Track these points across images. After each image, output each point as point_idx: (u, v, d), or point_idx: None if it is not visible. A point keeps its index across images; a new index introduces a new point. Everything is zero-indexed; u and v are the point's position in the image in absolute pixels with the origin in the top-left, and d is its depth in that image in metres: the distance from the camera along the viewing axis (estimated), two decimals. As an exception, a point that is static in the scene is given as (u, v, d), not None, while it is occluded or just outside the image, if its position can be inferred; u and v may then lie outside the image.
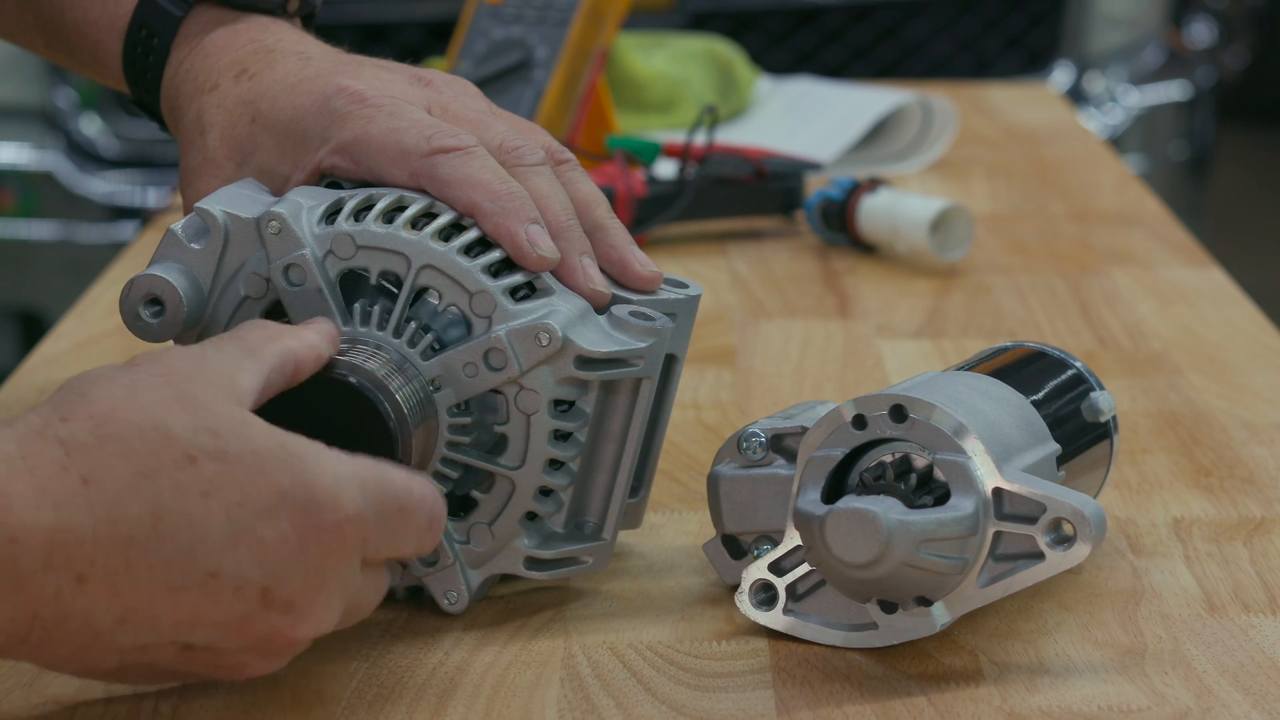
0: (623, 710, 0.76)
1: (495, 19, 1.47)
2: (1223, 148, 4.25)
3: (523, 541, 0.83)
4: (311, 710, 0.76)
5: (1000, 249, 1.41)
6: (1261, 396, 1.11)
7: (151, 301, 0.83)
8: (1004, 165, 1.67)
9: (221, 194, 0.84)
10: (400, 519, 0.75)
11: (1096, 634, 0.82)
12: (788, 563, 0.82)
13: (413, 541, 0.76)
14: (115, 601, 0.69)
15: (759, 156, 1.44)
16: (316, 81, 0.87)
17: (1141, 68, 2.90)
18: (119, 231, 2.57)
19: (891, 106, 1.67)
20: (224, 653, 0.72)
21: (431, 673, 0.79)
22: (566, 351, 0.81)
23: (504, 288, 0.81)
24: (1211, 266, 1.37)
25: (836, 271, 1.36)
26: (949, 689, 0.78)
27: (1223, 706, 0.76)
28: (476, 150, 0.84)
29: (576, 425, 0.82)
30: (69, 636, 0.70)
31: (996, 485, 0.77)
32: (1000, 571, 0.78)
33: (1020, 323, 1.25)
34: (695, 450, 1.03)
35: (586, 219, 0.86)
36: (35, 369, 1.16)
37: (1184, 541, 0.92)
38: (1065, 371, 0.88)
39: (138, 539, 0.69)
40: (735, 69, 1.77)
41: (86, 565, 0.69)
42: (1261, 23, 5.21)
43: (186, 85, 0.92)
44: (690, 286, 0.86)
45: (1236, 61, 5.03)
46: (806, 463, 0.81)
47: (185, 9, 0.94)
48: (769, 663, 0.80)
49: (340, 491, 0.72)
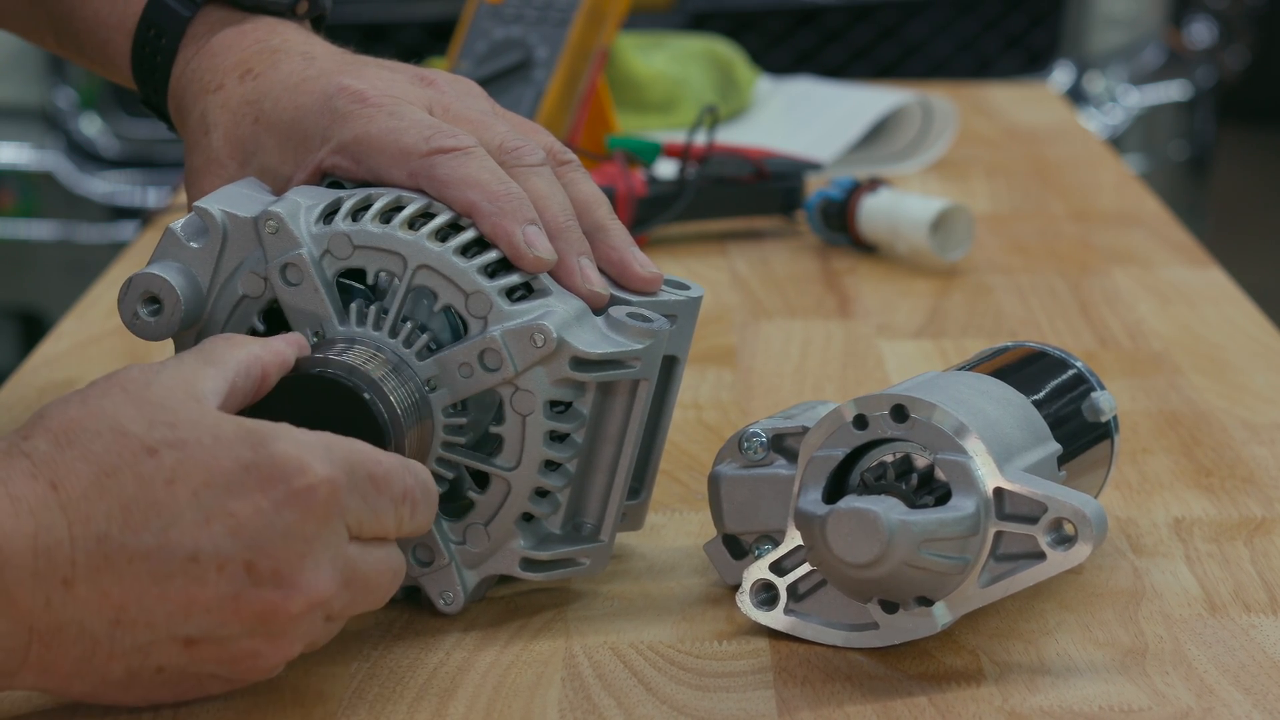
0: (624, 710, 0.76)
1: (495, 19, 1.47)
2: (1223, 148, 4.25)
3: (519, 543, 0.83)
4: (312, 710, 0.76)
5: (1000, 249, 1.41)
6: (1262, 396, 1.11)
7: (150, 300, 0.83)
8: (1004, 165, 1.67)
9: (221, 193, 0.84)
10: (372, 486, 0.74)
11: (1097, 634, 0.82)
12: (789, 563, 0.82)
13: (391, 513, 0.75)
14: (105, 603, 0.70)
15: (759, 156, 1.44)
16: (318, 81, 0.87)
17: (1141, 68, 2.90)
18: (119, 231, 2.57)
19: (891, 106, 1.67)
20: (227, 641, 0.72)
21: (432, 673, 0.79)
22: (562, 353, 0.80)
23: (500, 288, 0.81)
24: (1211, 266, 1.37)
25: (837, 271, 1.36)
26: (950, 689, 0.78)
27: (1224, 706, 0.76)
28: (475, 151, 0.84)
29: (573, 427, 0.82)
30: (68, 648, 0.70)
31: (997, 485, 0.77)
32: (1001, 571, 0.78)
33: (1021, 323, 1.25)
34: (696, 450, 1.03)
35: (587, 220, 0.86)
36: (35, 369, 1.16)
37: (1185, 541, 0.91)
38: (1066, 371, 0.88)
39: (111, 534, 0.69)
40: (735, 69, 1.77)
41: (69, 568, 0.69)
42: (1261, 23, 5.20)
43: (192, 85, 0.92)
44: (691, 288, 0.86)
45: (1236, 61, 5.03)
46: (807, 463, 0.80)
47: (193, 10, 0.94)
48: (770, 663, 0.80)
49: (306, 456, 0.72)
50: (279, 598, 0.72)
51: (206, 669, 0.73)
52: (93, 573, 0.69)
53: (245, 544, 0.71)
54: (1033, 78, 2.77)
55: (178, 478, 0.71)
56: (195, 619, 0.71)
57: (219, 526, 0.70)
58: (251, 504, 0.71)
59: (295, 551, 0.72)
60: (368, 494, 0.74)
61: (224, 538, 0.70)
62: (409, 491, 0.76)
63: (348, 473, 0.74)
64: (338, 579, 0.73)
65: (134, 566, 0.70)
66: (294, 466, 0.72)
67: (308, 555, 0.72)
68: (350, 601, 0.75)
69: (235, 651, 0.72)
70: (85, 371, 1.15)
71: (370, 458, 0.75)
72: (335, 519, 0.73)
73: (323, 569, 0.72)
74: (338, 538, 0.73)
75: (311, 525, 0.72)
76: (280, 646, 0.73)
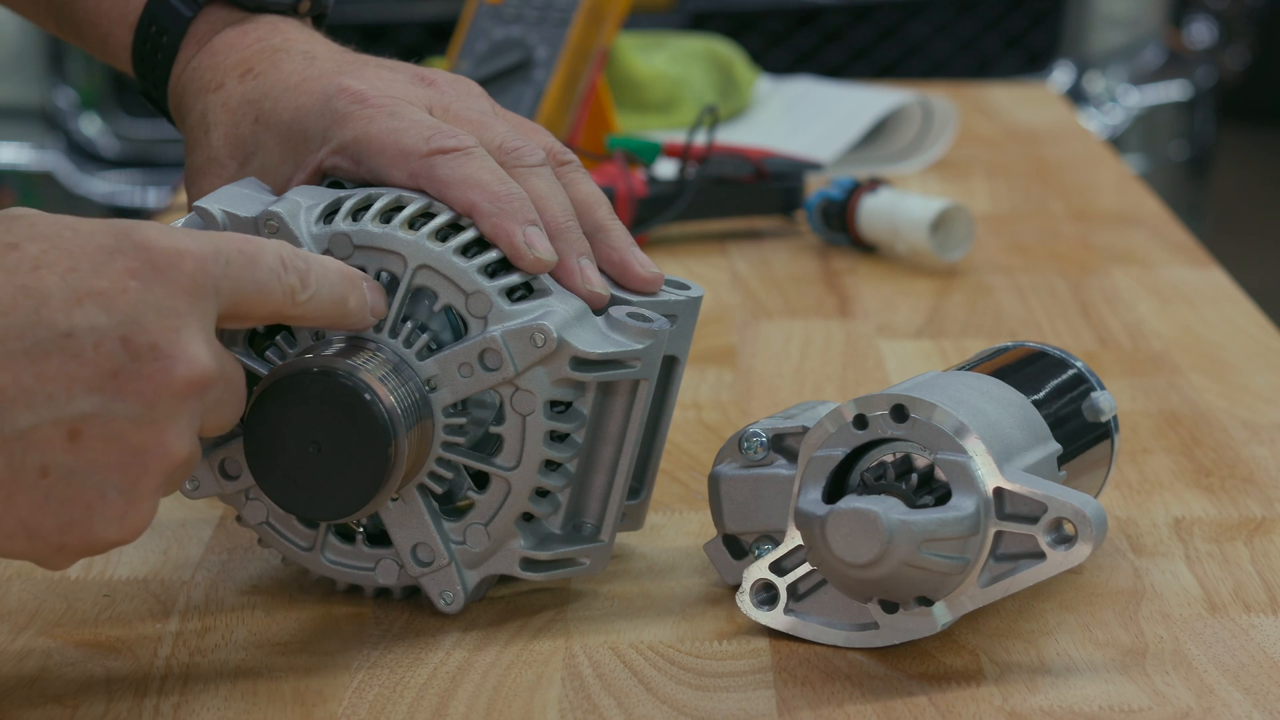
0: (624, 710, 0.76)
1: (495, 19, 1.47)
2: (1223, 148, 4.25)
3: (519, 543, 0.83)
4: (312, 710, 0.76)
5: (1000, 249, 1.41)
6: (1262, 396, 1.11)
7: (151, 301, 0.83)
8: (1004, 165, 1.67)
9: (221, 193, 0.84)
10: (245, 260, 0.74)
11: (1097, 634, 0.82)
12: (789, 562, 0.82)
13: (276, 285, 0.75)
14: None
15: (759, 156, 1.44)
16: (318, 81, 0.87)
17: (1141, 68, 2.90)
18: (119, 232, 2.57)
19: (891, 106, 1.67)
20: (113, 428, 0.71)
21: (432, 673, 0.79)
22: (562, 353, 0.80)
23: (500, 288, 0.81)
24: (1211, 266, 1.37)
25: (837, 271, 1.36)
26: (950, 689, 0.78)
27: (1224, 706, 0.76)
28: (476, 151, 0.84)
29: (573, 426, 0.82)
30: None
31: (997, 485, 0.77)
32: (1001, 571, 0.78)
33: (1021, 323, 1.25)
34: (696, 450, 1.03)
35: (587, 220, 0.86)
36: (35, 369, 1.16)
37: (1185, 541, 0.91)
38: (1066, 371, 0.88)
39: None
40: (735, 69, 1.77)
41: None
42: (1261, 23, 5.21)
43: (193, 84, 0.92)
44: (691, 288, 0.86)
45: (1236, 61, 5.03)
46: (807, 463, 0.80)
47: (195, 9, 0.94)
48: (770, 662, 0.80)
49: (169, 234, 0.73)
50: (159, 370, 0.71)
51: (96, 475, 0.71)
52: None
53: (118, 319, 0.71)
54: (1033, 78, 2.77)
55: (43, 264, 0.71)
56: (77, 400, 0.70)
57: (90, 304, 0.70)
58: (119, 282, 0.71)
59: (169, 325, 0.71)
60: (241, 266, 0.74)
61: (97, 314, 0.70)
62: (286, 258, 0.76)
63: (214, 247, 0.73)
64: (215, 359, 0.73)
65: (6, 346, 0.69)
66: (156, 240, 0.72)
67: (182, 329, 0.72)
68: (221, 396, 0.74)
69: (121, 442, 0.71)
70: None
71: (235, 235, 0.75)
72: (206, 295, 0.73)
73: (198, 344, 0.72)
74: (209, 316, 0.73)
75: (183, 300, 0.72)
76: (164, 434, 0.72)
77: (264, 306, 0.75)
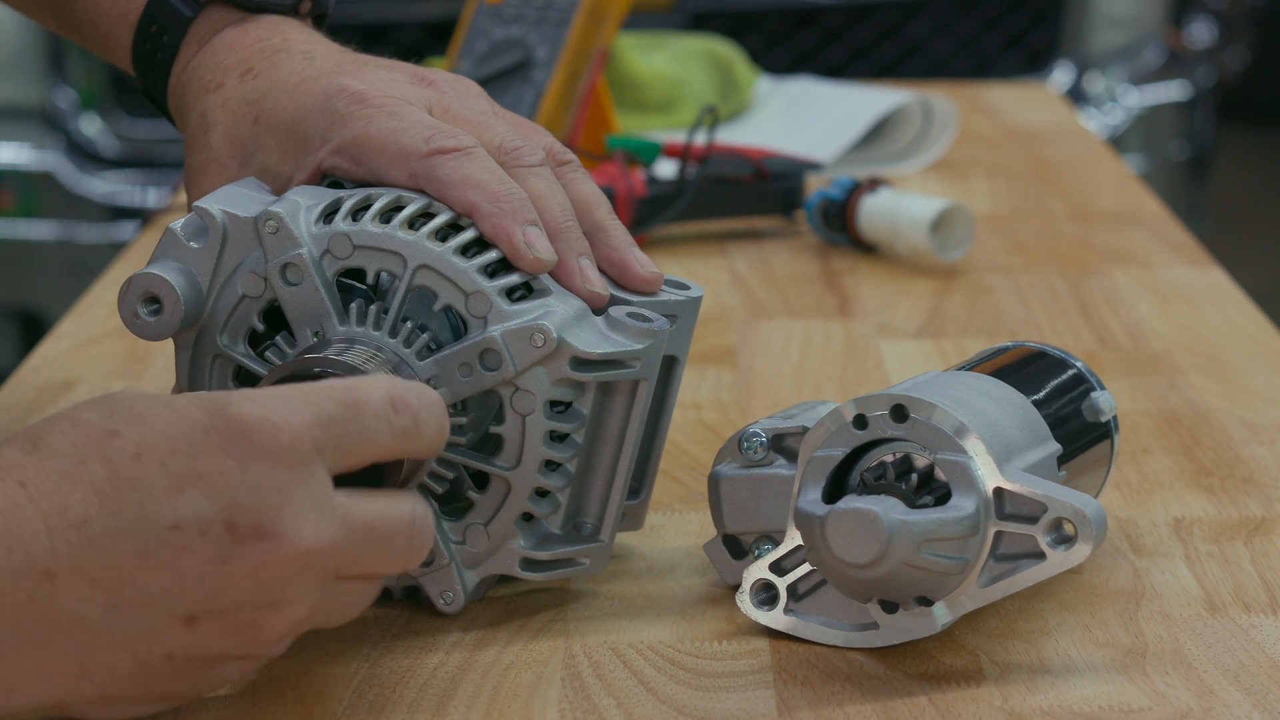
0: (624, 710, 0.76)
1: (495, 19, 1.47)
2: (1223, 148, 4.25)
3: (519, 542, 0.83)
4: (312, 710, 0.76)
5: (1000, 249, 1.41)
6: (1262, 396, 1.11)
7: (149, 300, 0.83)
8: (1004, 165, 1.67)
9: (221, 193, 0.84)
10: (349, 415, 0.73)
11: (1097, 634, 0.82)
12: (789, 562, 0.82)
13: (383, 429, 0.73)
14: (96, 589, 0.68)
15: (759, 156, 1.44)
16: (318, 81, 0.87)
17: (1141, 68, 2.90)
18: (119, 231, 2.57)
19: (891, 106, 1.67)
20: (227, 612, 0.70)
21: (432, 673, 0.79)
22: (562, 353, 0.80)
23: (500, 288, 0.81)
24: (1211, 266, 1.37)
25: (837, 271, 1.36)
26: (950, 689, 0.78)
27: (1224, 706, 0.76)
28: (475, 151, 0.84)
29: (573, 427, 0.82)
30: (63, 641, 0.69)
31: (997, 485, 0.77)
32: (1001, 571, 0.78)
33: (1020, 323, 1.25)
34: (696, 450, 1.03)
35: (587, 220, 0.86)
36: (35, 369, 1.16)
37: (1185, 541, 0.91)
38: (1066, 371, 0.88)
39: (90, 519, 0.68)
40: (735, 69, 1.77)
41: (49, 559, 0.68)
42: (1261, 23, 5.20)
43: (193, 83, 0.92)
44: (691, 288, 0.86)
45: (1236, 61, 5.02)
46: (807, 463, 0.80)
47: (196, 9, 0.94)
48: (770, 662, 0.80)
49: (266, 407, 0.71)
50: (266, 551, 0.70)
51: (214, 648, 0.71)
52: (76, 560, 0.68)
53: (221, 503, 0.69)
54: (1033, 78, 2.77)
55: (143, 451, 0.69)
56: (190, 591, 0.70)
57: (192, 491, 0.69)
58: (218, 464, 0.70)
59: (271, 503, 0.70)
60: (343, 421, 0.72)
61: (200, 500, 0.69)
62: (396, 399, 0.74)
63: (312, 408, 0.72)
64: (329, 526, 0.71)
65: (118, 545, 0.69)
66: (254, 419, 0.71)
67: (285, 505, 0.70)
68: (358, 554, 0.72)
69: (238, 621, 0.71)
70: (85, 371, 1.15)
71: (337, 384, 0.73)
72: (309, 462, 0.71)
73: (305, 517, 0.70)
74: (316, 481, 0.71)
75: (283, 473, 0.70)
76: (282, 610, 0.71)
77: (373, 454, 0.74)
